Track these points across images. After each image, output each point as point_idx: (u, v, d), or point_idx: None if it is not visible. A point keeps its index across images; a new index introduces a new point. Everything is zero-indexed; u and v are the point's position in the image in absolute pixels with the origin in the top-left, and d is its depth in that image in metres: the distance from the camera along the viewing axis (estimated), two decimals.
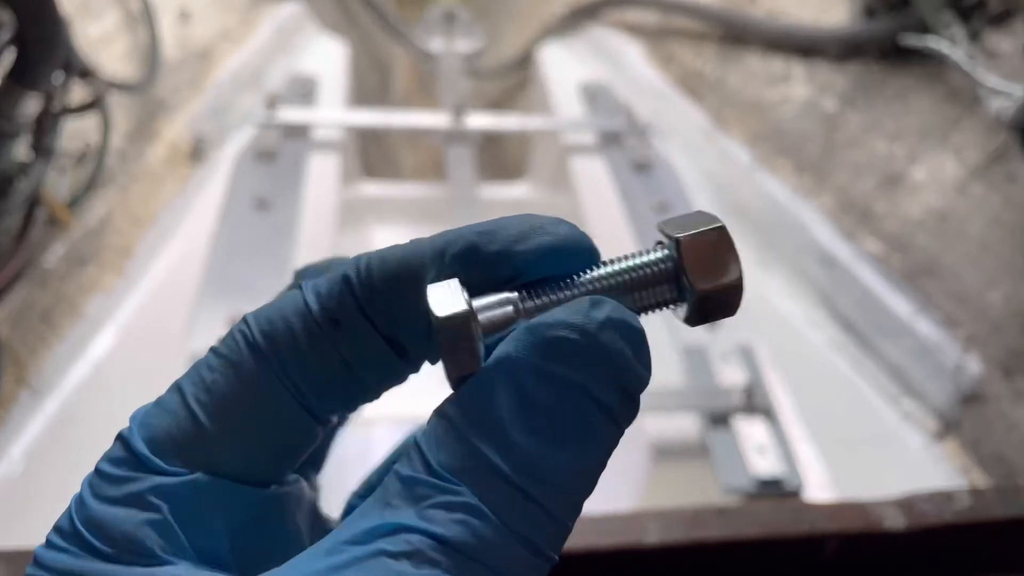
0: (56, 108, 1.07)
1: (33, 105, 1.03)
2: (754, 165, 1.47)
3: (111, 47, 1.40)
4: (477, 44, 2.16)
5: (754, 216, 1.43)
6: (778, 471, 0.94)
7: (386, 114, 1.65)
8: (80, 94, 1.18)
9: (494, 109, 2.38)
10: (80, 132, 1.20)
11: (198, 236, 1.25)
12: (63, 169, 1.15)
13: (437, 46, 2.11)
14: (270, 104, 1.52)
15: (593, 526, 0.50)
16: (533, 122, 1.72)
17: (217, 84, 1.58)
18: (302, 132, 1.51)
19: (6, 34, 0.93)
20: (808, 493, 0.93)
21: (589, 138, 1.61)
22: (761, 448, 0.96)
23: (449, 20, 2.21)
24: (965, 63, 1.21)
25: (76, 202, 1.16)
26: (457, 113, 1.58)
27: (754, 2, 1.71)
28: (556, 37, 2.11)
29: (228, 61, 1.66)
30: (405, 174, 2.53)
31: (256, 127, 1.50)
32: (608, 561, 0.49)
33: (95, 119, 1.22)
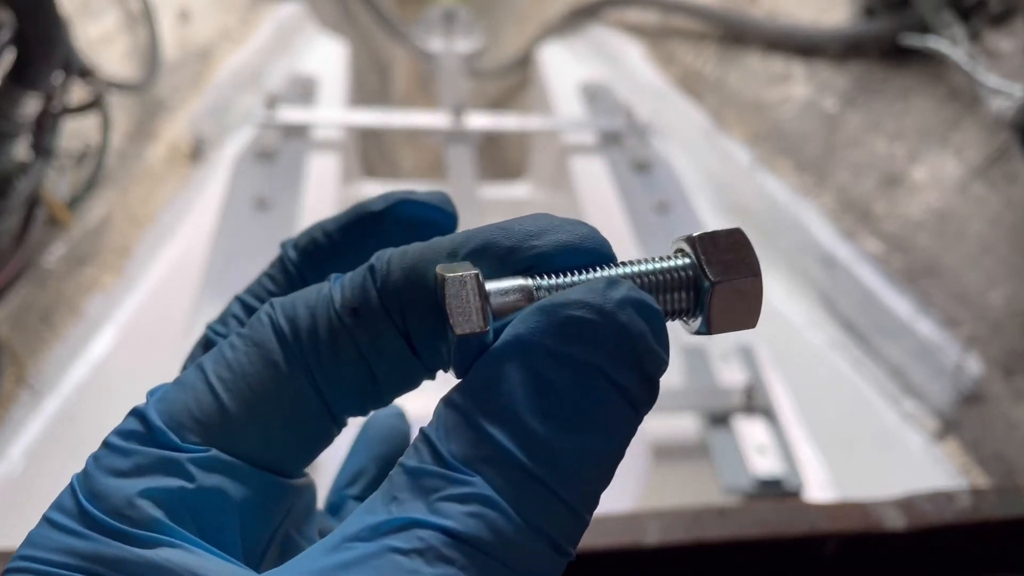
0: (56, 108, 1.07)
1: (33, 105, 1.02)
2: (754, 165, 1.47)
3: (111, 47, 1.40)
4: (477, 44, 2.17)
5: (754, 216, 1.43)
6: (778, 471, 0.94)
7: (386, 114, 1.65)
8: (80, 94, 1.18)
9: (494, 109, 2.38)
10: (80, 132, 1.20)
11: (198, 236, 1.25)
12: (63, 169, 1.15)
13: (437, 46, 2.11)
14: (270, 104, 1.52)
15: (593, 526, 0.50)
16: (533, 122, 1.72)
17: (217, 84, 1.58)
18: (302, 132, 1.51)
19: (6, 34, 0.93)
20: (808, 493, 0.93)
21: (589, 138, 1.60)
22: (761, 448, 0.96)
23: (449, 20, 2.21)
24: (965, 63, 1.21)
25: (76, 202, 1.17)
26: (457, 113, 1.58)
27: (754, 2, 1.71)
28: (556, 37, 2.11)
29: (228, 61, 1.66)
30: (405, 174, 2.53)
31: (256, 127, 1.50)
32: (608, 561, 0.49)
33: (95, 119, 1.22)
